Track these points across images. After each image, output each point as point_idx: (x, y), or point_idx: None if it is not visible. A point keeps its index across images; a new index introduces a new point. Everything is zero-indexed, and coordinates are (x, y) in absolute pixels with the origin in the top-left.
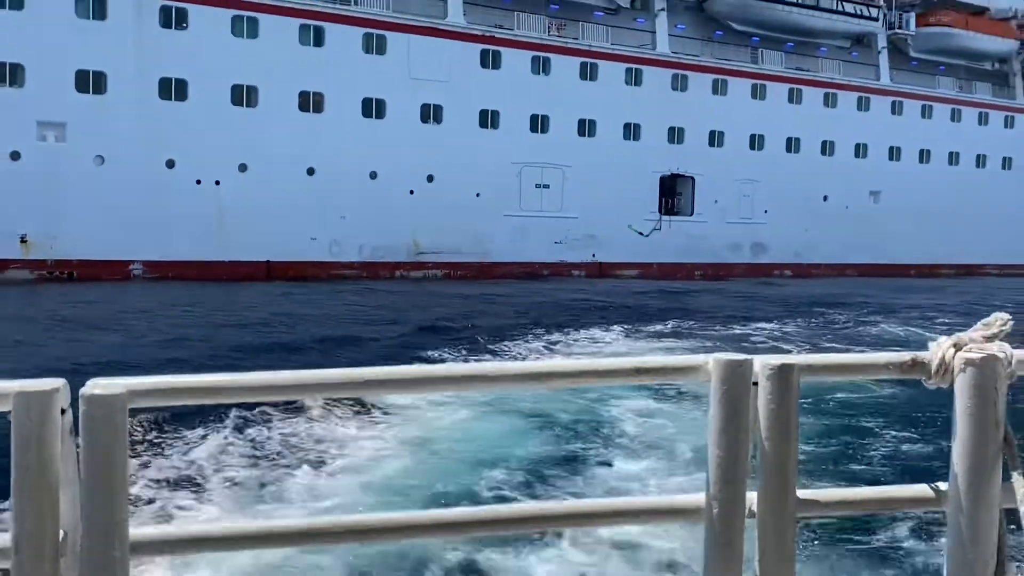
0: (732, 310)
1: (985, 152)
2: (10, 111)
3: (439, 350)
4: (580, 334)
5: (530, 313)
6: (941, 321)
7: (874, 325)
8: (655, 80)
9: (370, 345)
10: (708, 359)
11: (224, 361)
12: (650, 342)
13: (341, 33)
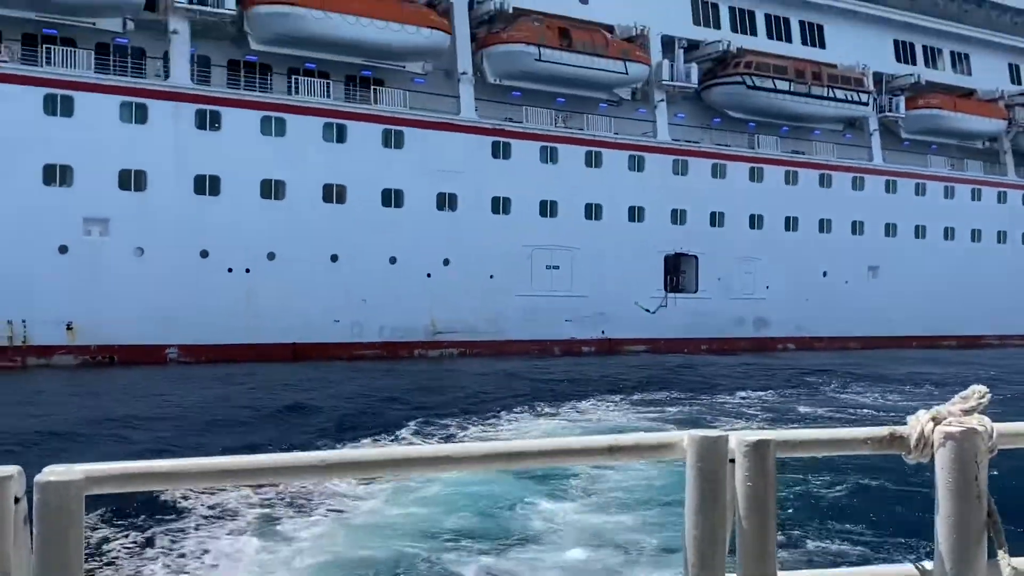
0: (728, 380)
1: (979, 227)
2: (59, 209)
3: (426, 427)
4: (581, 404)
5: (534, 387)
6: (926, 389)
7: (861, 394)
8: (657, 166)
9: (364, 423)
10: (683, 436)
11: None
12: (644, 412)
13: (362, 129)
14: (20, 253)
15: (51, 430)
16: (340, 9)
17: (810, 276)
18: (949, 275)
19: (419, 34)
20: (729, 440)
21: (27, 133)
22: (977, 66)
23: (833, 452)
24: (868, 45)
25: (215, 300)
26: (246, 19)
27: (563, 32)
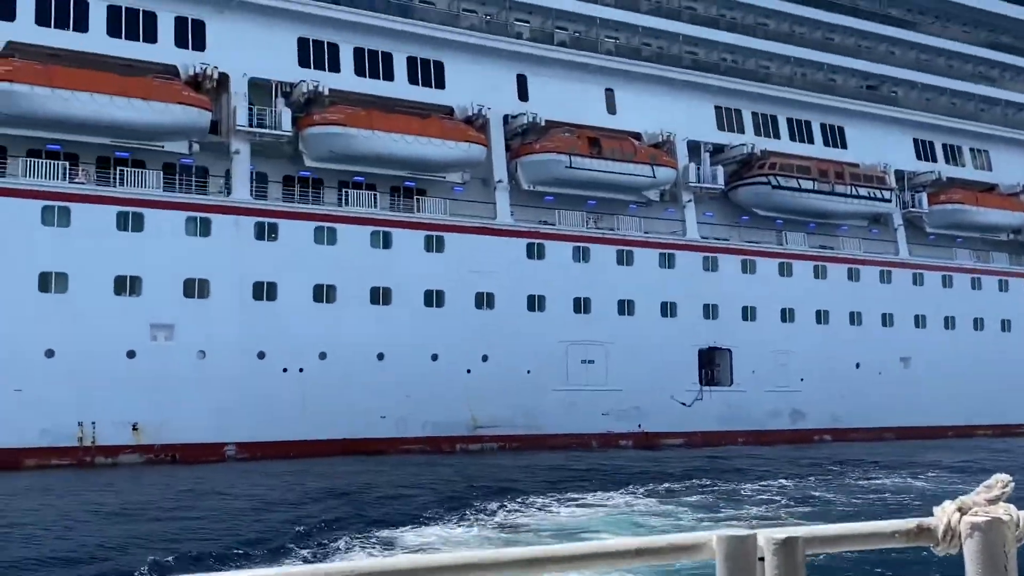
0: (759, 470)
1: (1009, 317)
2: (129, 316)
3: (462, 522)
4: (616, 497)
5: (570, 479)
6: (955, 476)
7: (894, 482)
8: (687, 262)
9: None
10: (711, 536)
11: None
12: (671, 502)
13: (406, 236)
14: (91, 358)
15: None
16: (386, 128)
17: (843, 368)
18: (981, 365)
19: (458, 148)
20: (758, 538)
21: (101, 247)
22: (997, 161)
23: (862, 547)
24: (889, 144)
25: (270, 399)
26: (301, 139)
27: (592, 141)
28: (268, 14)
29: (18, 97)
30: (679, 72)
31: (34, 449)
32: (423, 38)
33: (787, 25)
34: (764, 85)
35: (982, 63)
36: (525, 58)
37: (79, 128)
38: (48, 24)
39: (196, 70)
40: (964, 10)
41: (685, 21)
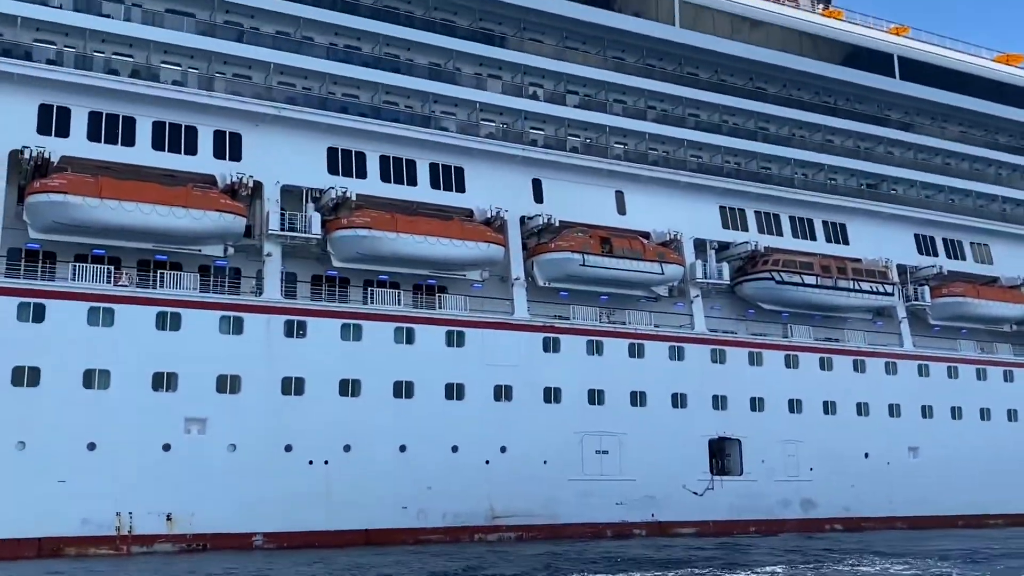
0: (756, 560)
1: (1015, 407)
2: (164, 410)
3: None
4: None
5: (577, 567)
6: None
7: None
8: (696, 355)
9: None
10: None
11: None
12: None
13: (428, 332)
14: (130, 450)
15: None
16: (409, 231)
17: (852, 457)
18: (989, 454)
19: (478, 248)
20: None
21: (142, 346)
22: (998, 255)
23: None
24: (890, 240)
25: (297, 490)
26: (329, 241)
27: (604, 240)
28: (300, 126)
29: (71, 208)
30: (685, 175)
31: (74, 538)
32: (444, 146)
33: (787, 129)
34: (766, 186)
35: (979, 161)
36: (540, 163)
37: (124, 234)
38: (99, 140)
39: (233, 179)
40: (960, 112)
41: (689, 127)
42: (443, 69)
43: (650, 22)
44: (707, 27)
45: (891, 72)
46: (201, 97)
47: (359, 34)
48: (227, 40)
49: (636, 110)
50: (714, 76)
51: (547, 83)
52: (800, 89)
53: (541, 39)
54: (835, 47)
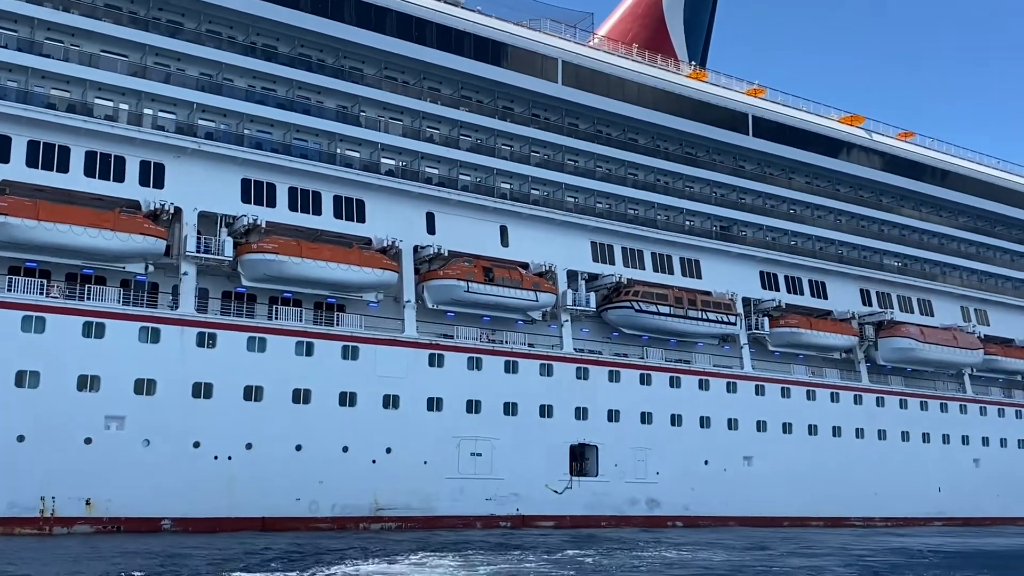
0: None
1: (839, 424)
2: (87, 408)
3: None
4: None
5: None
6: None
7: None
8: (563, 372)
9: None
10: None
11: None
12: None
13: (326, 346)
14: (55, 443)
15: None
16: (312, 256)
17: (694, 464)
18: (814, 465)
19: (374, 273)
20: None
21: (68, 353)
22: (833, 292)
23: None
24: (738, 276)
25: (202, 482)
26: (239, 263)
27: (487, 270)
28: (217, 159)
29: (11, 228)
30: (561, 214)
31: (3, 519)
32: (348, 181)
33: (652, 176)
34: (632, 225)
35: (821, 209)
36: (433, 199)
37: (58, 252)
38: (36, 166)
39: (155, 205)
40: (806, 165)
41: (568, 172)
42: (348, 112)
43: (536, 79)
44: (586, 85)
45: (745, 129)
46: (130, 131)
47: (274, 79)
48: (155, 81)
49: (521, 155)
50: (591, 127)
51: (443, 128)
52: (666, 141)
53: (439, 88)
54: (697, 106)
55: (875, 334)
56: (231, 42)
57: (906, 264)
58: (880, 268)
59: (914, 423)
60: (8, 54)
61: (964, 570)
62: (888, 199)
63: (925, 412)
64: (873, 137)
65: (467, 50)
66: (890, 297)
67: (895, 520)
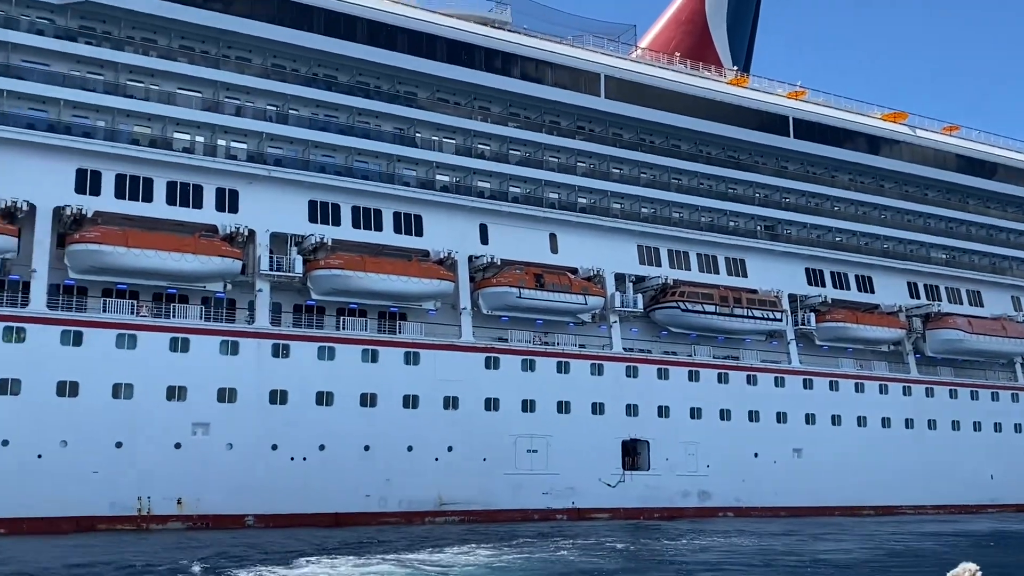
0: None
1: (889, 415)
2: (176, 416)
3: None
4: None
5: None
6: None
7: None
8: (613, 371)
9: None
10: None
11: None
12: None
13: (390, 352)
14: (148, 448)
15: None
16: (375, 270)
17: (744, 457)
18: (863, 455)
19: (432, 284)
20: None
21: (158, 365)
22: (880, 285)
23: None
24: (783, 274)
25: (281, 481)
26: (309, 278)
27: (537, 276)
28: (286, 184)
29: (104, 255)
30: (608, 220)
31: (105, 517)
32: (406, 198)
33: (696, 180)
34: (677, 228)
35: (865, 206)
36: (486, 211)
37: (145, 275)
38: (124, 197)
39: (231, 228)
40: (849, 163)
41: (613, 180)
42: (405, 134)
43: (580, 94)
44: (628, 97)
45: (786, 132)
46: (206, 161)
47: (335, 106)
48: (227, 114)
49: (567, 166)
50: (635, 136)
51: (493, 144)
52: (708, 146)
53: (488, 107)
54: (738, 112)
55: (923, 326)
56: (295, 74)
57: (954, 256)
58: (927, 261)
59: (965, 412)
60: (97, 97)
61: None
62: (934, 193)
63: (976, 401)
64: (917, 133)
65: (514, 71)
66: (938, 289)
67: (947, 508)
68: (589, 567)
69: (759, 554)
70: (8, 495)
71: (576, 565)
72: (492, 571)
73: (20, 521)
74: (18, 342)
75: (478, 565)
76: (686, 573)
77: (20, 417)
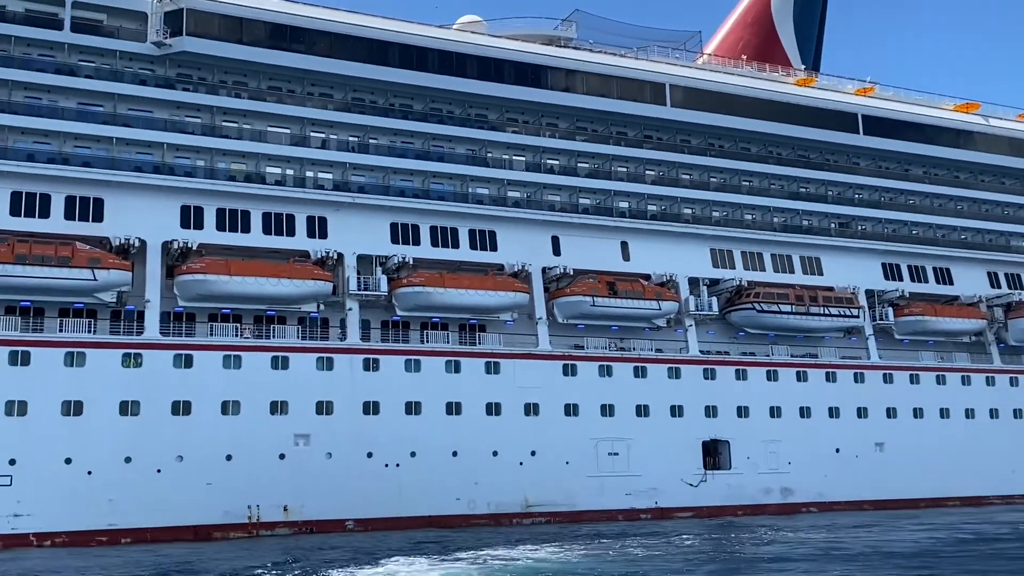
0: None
1: (972, 406)
2: (279, 429)
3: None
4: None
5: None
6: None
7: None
8: (690, 373)
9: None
10: None
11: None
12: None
13: (471, 363)
14: (255, 460)
15: None
16: (453, 285)
17: (825, 453)
18: (947, 447)
19: (508, 296)
20: None
21: (261, 382)
22: (958, 276)
23: None
24: (859, 269)
25: (377, 486)
26: (393, 296)
27: (610, 284)
28: (369, 209)
29: (210, 284)
30: (679, 226)
31: (219, 525)
32: (480, 216)
33: (766, 181)
34: (749, 230)
35: (941, 198)
36: (557, 224)
37: (246, 300)
38: (224, 229)
39: (322, 253)
40: (922, 157)
41: (683, 186)
42: (477, 155)
43: (645, 104)
44: (694, 104)
45: (856, 129)
46: (296, 192)
47: (411, 133)
48: (313, 148)
49: (636, 175)
50: (702, 142)
51: (562, 158)
52: (778, 147)
53: (556, 123)
54: (806, 112)
55: (1005, 316)
56: (373, 106)
57: None
58: (1007, 250)
59: None
60: (195, 139)
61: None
62: (1011, 181)
63: None
64: (990, 122)
65: (579, 87)
66: (1020, 278)
67: None
68: (652, 567)
69: (824, 546)
70: (132, 507)
71: (640, 563)
72: (563, 566)
73: (144, 531)
74: (136, 367)
75: (550, 561)
76: (744, 564)
77: (140, 436)
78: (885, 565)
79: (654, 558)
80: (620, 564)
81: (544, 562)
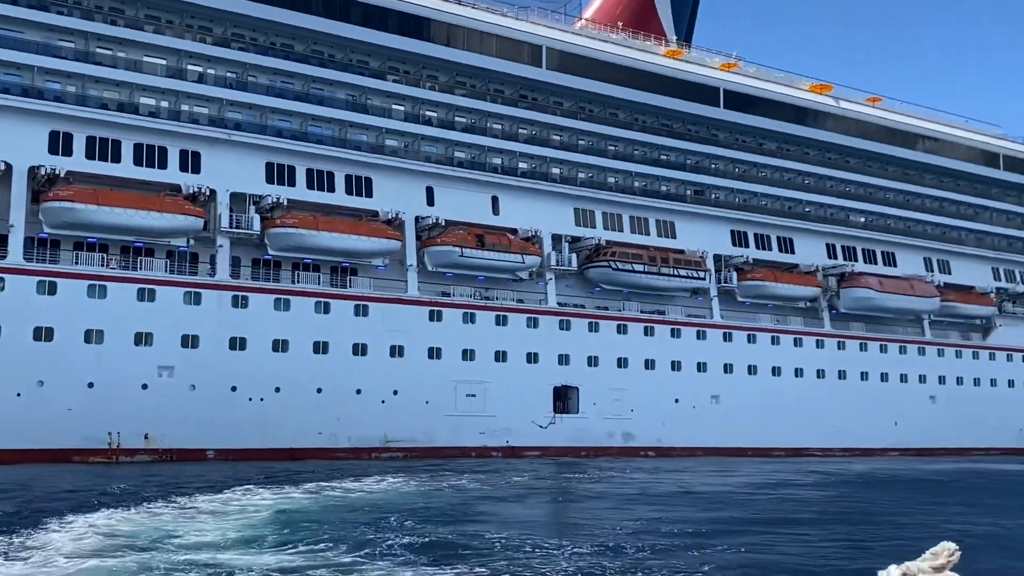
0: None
1: (802, 366)
2: (143, 359)
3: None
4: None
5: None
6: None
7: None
8: (547, 323)
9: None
10: None
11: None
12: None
13: (341, 305)
14: (119, 389)
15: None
16: (327, 228)
17: (665, 402)
18: (777, 402)
19: (380, 242)
20: None
21: (126, 313)
22: (800, 247)
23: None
24: (710, 235)
25: (240, 419)
26: (266, 235)
27: (479, 236)
28: (245, 147)
29: (77, 212)
30: (547, 184)
31: (79, 449)
32: (357, 162)
33: (630, 147)
34: (611, 192)
35: (790, 172)
36: (432, 175)
37: (114, 231)
38: (94, 158)
39: (194, 188)
40: (776, 133)
41: (553, 147)
42: (357, 101)
43: (522, 65)
44: (569, 68)
45: (716, 102)
46: (170, 125)
47: (291, 74)
48: (190, 81)
49: (510, 133)
50: (574, 105)
51: (440, 111)
52: (644, 115)
53: (436, 76)
54: (671, 83)
55: (838, 285)
56: (253, 44)
57: (871, 220)
58: (845, 224)
59: (874, 364)
60: (67, 63)
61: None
62: (855, 160)
63: (884, 354)
64: (840, 104)
65: (461, 42)
66: (855, 250)
67: (853, 450)
68: (481, 495)
69: (641, 486)
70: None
71: (471, 492)
72: (399, 496)
73: (2, 452)
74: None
75: (384, 491)
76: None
77: (0, 360)
78: (681, 504)
79: (481, 490)
80: (448, 495)
81: (376, 493)
